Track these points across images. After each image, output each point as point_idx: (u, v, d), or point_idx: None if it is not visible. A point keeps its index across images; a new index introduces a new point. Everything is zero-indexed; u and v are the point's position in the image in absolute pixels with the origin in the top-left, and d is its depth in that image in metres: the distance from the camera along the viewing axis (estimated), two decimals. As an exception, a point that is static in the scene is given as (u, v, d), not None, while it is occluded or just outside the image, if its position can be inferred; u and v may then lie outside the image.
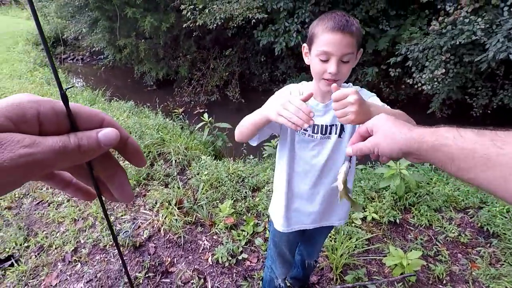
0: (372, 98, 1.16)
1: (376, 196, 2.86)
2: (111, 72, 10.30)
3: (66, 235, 2.46)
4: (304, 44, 1.15)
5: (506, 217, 2.51)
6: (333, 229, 2.38)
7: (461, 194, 2.84)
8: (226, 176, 3.06)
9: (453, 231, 2.49)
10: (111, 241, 2.35)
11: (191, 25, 6.12)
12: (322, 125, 1.19)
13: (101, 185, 0.36)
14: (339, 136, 1.20)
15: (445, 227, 2.54)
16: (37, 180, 0.33)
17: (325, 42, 1.02)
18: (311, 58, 1.11)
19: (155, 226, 2.53)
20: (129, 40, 7.88)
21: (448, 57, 4.61)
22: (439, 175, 3.12)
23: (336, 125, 1.19)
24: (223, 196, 2.89)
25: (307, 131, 1.20)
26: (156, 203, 2.76)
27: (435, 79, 4.74)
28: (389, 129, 0.65)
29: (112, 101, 5.87)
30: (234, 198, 2.84)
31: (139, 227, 2.54)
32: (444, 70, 4.61)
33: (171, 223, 2.51)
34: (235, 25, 5.83)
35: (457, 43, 4.31)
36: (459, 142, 0.53)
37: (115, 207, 2.74)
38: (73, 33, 9.94)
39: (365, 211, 2.66)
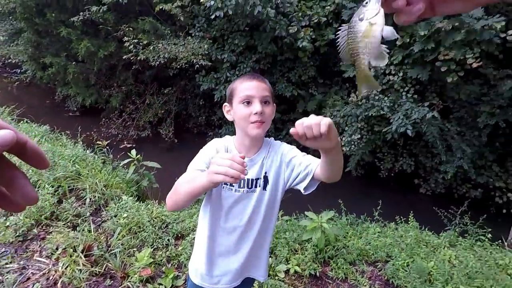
0: (293, 150, 1.25)
1: (299, 248, 2.94)
2: (26, 89, 9.18)
3: None
4: (225, 104, 1.22)
5: (406, 271, 2.82)
6: (257, 284, 2.33)
7: (371, 248, 3.11)
8: (148, 221, 2.83)
9: (365, 284, 2.67)
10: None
11: (131, 58, 5.98)
12: (248, 179, 1.21)
13: None
14: (264, 188, 1.23)
15: (358, 280, 2.71)
16: None
17: (245, 89, 1.14)
18: (234, 109, 1.18)
19: (51, 277, 2.13)
20: (57, 59, 7.26)
21: (362, 125, 5.37)
22: (354, 229, 3.40)
23: (260, 178, 1.23)
24: (142, 243, 2.63)
25: (233, 186, 1.22)
26: (57, 248, 2.36)
27: (352, 142, 5.40)
28: None
29: (22, 122, 5.14)
30: (155, 246, 2.61)
31: (28, 279, 2.10)
32: (359, 136, 5.32)
33: (73, 274, 2.14)
34: (178, 66, 5.90)
35: (370, 114, 5.08)
36: None
37: None
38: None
39: (288, 264, 2.70)
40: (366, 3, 0.52)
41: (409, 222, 3.47)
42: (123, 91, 7.41)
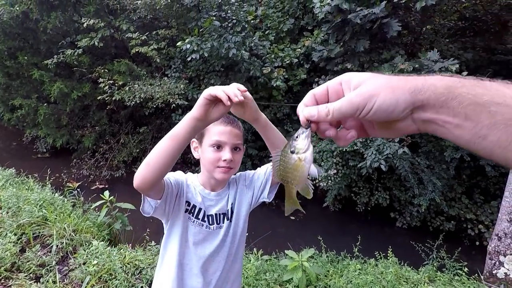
0: (251, 171, 1.29)
1: (280, 290, 2.84)
2: (-8, 131, 8.76)
3: None
4: (193, 139, 1.17)
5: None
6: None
7: (353, 287, 3.05)
8: (120, 267, 2.65)
9: (348, 326, 2.58)
10: None
11: (106, 98, 5.96)
12: (216, 214, 1.21)
13: None
14: (229, 220, 1.23)
15: (341, 322, 2.62)
16: None
17: (217, 133, 1.12)
18: (203, 150, 1.17)
19: (7, 338, 1.90)
20: (28, 101, 7.11)
21: (338, 160, 5.52)
22: (334, 267, 3.35)
23: (226, 211, 1.22)
24: (113, 292, 2.44)
25: (204, 222, 1.19)
26: (16, 304, 2.13)
27: (329, 178, 5.51)
28: (387, 79, 0.47)
29: (-16, 166, 4.84)
30: (127, 295, 2.42)
31: None
32: (335, 171, 5.45)
33: (34, 333, 1.93)
34: (154, 106, 5.94)
35: (344, 149, 5.26)
36: None
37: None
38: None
39: (270, 307, 2.58)
40: (297, 137, 0.56)
41: (388, 258, 3.48)
42: (97, 131, 7.27)
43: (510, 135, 0.37)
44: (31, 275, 2.46)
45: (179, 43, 5.51)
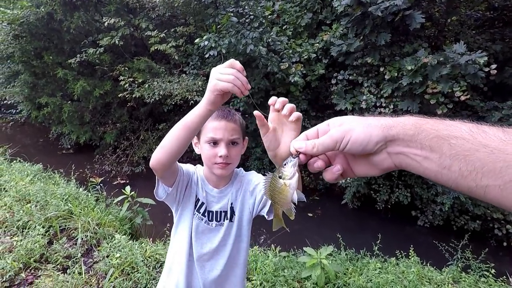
0: (257, 177, 1.25)
1: (299, 287, 2.83)
2: (20, 128, 9.19)
3: None
4: None
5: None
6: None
7: (373, 286, 3.00)
8: (142, 260, 2.72)
9: (368, 325, 2.54)
10: None
11: (127, 96, 6.10)
12: (217, 212, 1.21)
13: None
14: (230, 220, 1.22)
15: (361, 321, 2.58)
16: None
17: (212, 129, 1.12)
18: (201, 146, 1.17)
19: (37, 326, 1.99)
20: (53, 99, 7.38)
21: (356, 156, 5.41)
22: (354, 265, 3.30)
23: (227, 210, 1.22)
24: (135, 285, 2.51)
25: (204, 216, 1.20)
26: (45, 293, 2.23)
27: (347, 174, 5.42)
28: (364, 119, 0.54)
29: (14, 161, 5.08)
30: (148, 288, 2.48)
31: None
32: (354, 167, 5.35)
33: (61, 322, 2.02)
34: (173, 102, 6.02)
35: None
36: (480, 137, 0.42)
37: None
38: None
39: (288, 304, 2.58)
40: (285, 164, 0.61)
41: (410, 257, 3.39)
42: (118, 128, 7.47)
43: (469, 165, 0.41)
44: (58, 266, 2.56)
45: (197, 40, 5.54)
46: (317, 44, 6.03)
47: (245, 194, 1.24)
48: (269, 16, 6.50)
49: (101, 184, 4.43)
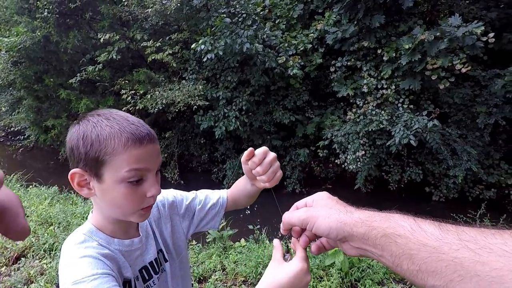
0: (180, 196, 1.04)
1: (324, 275, 2.88)
2: (30, 153, 9.34)
3: None
4: (75, 170, 0.74)
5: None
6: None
7: (397, 266, 3.04)
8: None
9: (397, 304, 2.59)
10: None
11: (130, 108, 6.17)
12: (152, 262, 0.89)
13: None
14: (165, 261, 0.94)
15: (390, 301, 2.63)
16: None
17: (135, 160, 0.71)
18: (108, 188, 0.72)
19: None
20: (59, 121, 7.49)
21: (364, 141, 5.43)
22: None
23: (161, 249, 0.94)
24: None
25: (151, 278, 0.89)
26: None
27: (358, 159, 5.44)
28: (332, 204, 0.57)
29: (30, 187, 5.19)
30: (179, 293, 2.55)
31: None
32: (363, 152, 5.37)
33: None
34: (176, 110, 6.08)
35: (369, 129, 5.17)
36: (420, 235, 0.43)
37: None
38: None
39: (316, 293, 2.63)
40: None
41: (429, 231, 3.42)
42: (125, 141, 7.56)
43: (415, 265, 0.42)
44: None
45: (193, 45, 5.58)
46: (312, 34, 6.04)
47: (174, 223, 0.99)
48: (261, 12, 6.50)
49: (118, 198, 4.51)
